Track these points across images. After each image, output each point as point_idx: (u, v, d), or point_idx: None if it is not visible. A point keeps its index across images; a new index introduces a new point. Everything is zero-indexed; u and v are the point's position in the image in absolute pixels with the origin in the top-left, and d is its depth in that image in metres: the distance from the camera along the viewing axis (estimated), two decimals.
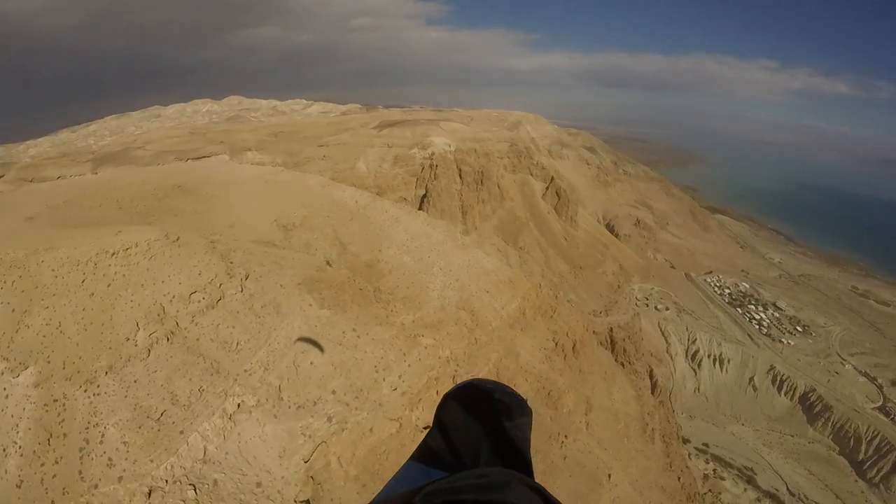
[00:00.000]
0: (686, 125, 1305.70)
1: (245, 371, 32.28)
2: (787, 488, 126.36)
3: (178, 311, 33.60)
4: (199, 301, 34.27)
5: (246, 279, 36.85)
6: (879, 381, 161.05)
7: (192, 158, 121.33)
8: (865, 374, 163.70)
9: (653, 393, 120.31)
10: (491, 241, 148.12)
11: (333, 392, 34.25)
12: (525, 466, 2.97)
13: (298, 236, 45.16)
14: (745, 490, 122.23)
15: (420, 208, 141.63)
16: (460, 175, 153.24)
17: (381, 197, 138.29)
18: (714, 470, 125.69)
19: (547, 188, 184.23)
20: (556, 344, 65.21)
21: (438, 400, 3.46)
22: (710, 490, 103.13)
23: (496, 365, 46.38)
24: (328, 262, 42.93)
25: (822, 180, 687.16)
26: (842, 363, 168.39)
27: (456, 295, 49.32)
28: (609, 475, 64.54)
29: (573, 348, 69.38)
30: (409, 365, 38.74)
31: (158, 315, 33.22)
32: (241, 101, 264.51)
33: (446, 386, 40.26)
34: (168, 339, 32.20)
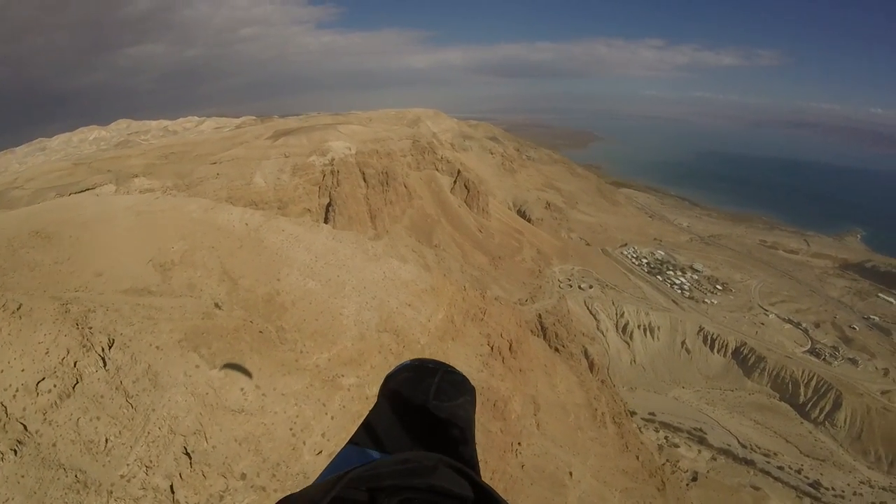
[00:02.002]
0: (583, 108, 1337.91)
1: (121, 477, 24.61)
2: (738, 441, 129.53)
3: (24, 410, 25.55)
4: (50, 391, 26.15)
5: (109, 348, 29.08)
6: (803, 325, 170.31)
7: (75, 192, 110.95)
8: (789, 321, 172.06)
9: (591, 372, 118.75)
10: (405, 243, 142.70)
11: (243, 476, 27.13)
12: (467, 447, 3.03)
13: (179, 276, 37.61)
14: (700, 451, 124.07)
15: (326, 218, 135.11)
16: (364, 178, 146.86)
17: (284, 210, 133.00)
18: (666, 438, 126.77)
19: (455, 182, 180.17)
20: (492, 348, 60.30)
21: None
22: (667, 460, 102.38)
23: None
24: (216, 305, 35.50)
25: (717, 146, 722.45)
26: (765, 314, 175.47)
27: (375, 316, 43.01)
28: (570, 473, 60.92)
29: (510, 348, 64.62)
30: (332, 417, 32.05)
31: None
32: (129, 125, 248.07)
33: None
34: (15, 452, 24.07)
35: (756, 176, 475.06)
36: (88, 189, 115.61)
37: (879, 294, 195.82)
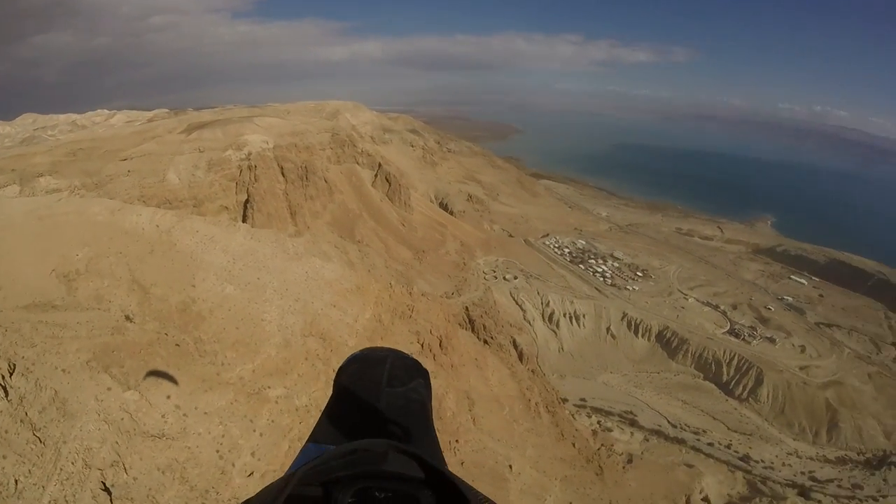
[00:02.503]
0: (502, 101, 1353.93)
1: None
2: (669, 421, 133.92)
3: None
4: None
5: (10, 375, 26.20)
6: (721, 307, 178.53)
7: None
8: (708, 304, 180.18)
9: (521, 362, 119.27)
10: (327, 240, 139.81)
11: None
12: (424, 429, 3.08)
13: (85, 287, 34.59)
14: (633, 434, 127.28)
15: (244, 215, 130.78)
16: (283, 173, 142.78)
17: (200, 208, 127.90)
18: (599, 422, 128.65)
19: (376, 175, 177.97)
20: (423, 345, 59.51)
21: None
22: (602, 444, 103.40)
23: None
24: (127, 317, 32.73)
25: (632, 139, 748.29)
26: (685, 298, 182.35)
27: (299, 320, 41.08)
28: (510, 466, 61.25)
29: (440, 344, 63.99)
30: (261, 434, 30.11)
31: None
32: (35, 119, 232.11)
33: None
34: None
35: (669, 166, 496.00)
36: None
37: (791, 276, 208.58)
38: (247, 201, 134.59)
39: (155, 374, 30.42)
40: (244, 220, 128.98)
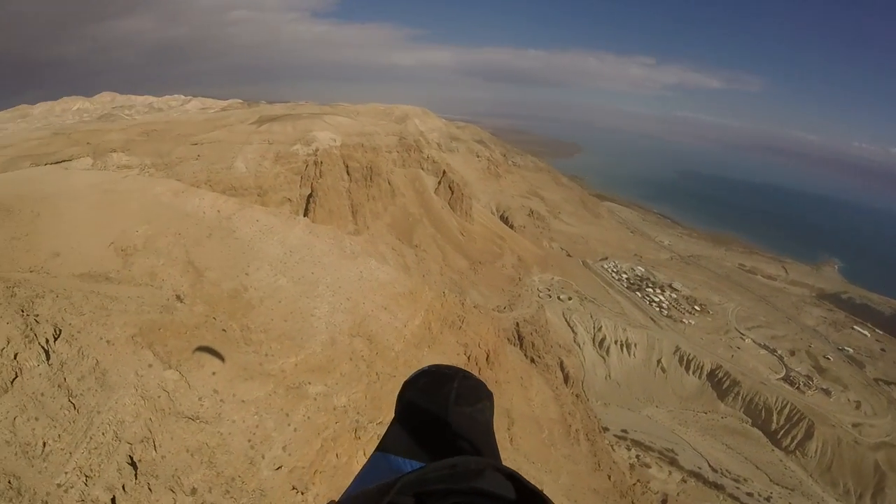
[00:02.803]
0: (567, 119, 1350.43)
1: (58, 486, 21.65)
2: (709, 464, 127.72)
3: None
4: None
5: (55, 340, 25.98)
6: (779, 352, 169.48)
7: (50, 163, 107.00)
8: (765, 347, 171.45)
9: (566, 385, 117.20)
10: (385, 241, 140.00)
11: (193, 491, 24.16)
12: (491, 450, 3.08)
13: (140, 263, 34.65)
14: (671, 473, 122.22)
15: (306, 209, 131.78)
16: (348, 171, 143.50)
17: (264, 198, 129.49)
18: (637, 456, 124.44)
19: (439, 182, 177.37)
20: (469, 357, 58.06)
21: (339, 470, 3.49)
22: (638, 480, 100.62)
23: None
24: (178, 297, 32.52)
25: (698, 167, 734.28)
26: (741, 338, 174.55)
27: (348, 319, 40.30)
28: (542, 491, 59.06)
29: (487, 359, 62.47)
30: (294, 429, 29.19)
31: None
32: (114, 98, 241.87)
33: (346, 447, 31.55)
34: None
35: (735, 199, 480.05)
36: (64, 161, 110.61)
37: (854, 326, 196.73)
38: (310, 196, 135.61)
39: (202, 350, 30.08)
40: (305, 214, 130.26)
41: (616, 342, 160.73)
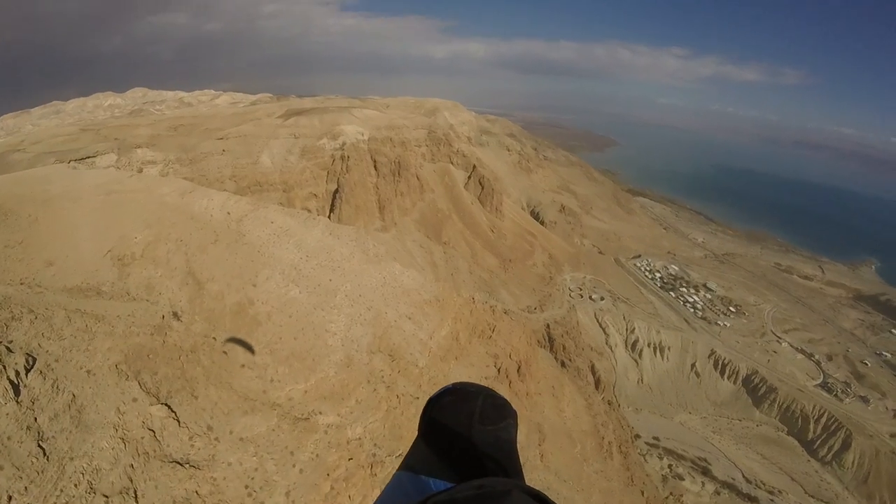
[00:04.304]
0: (600, 111, 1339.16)
1: None
2: (743, 475, 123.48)
3: None
4: None
5: (27, 372, 22.43)
6: (816, 356, 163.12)
7: (75, 159, 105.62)
8: (802, 351, 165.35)
9: (597, 389, 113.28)
10: (412, 238, 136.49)
11: None
12: (515, 469, 3.10)
13: (137, 274, 31.16)
14: (704, 485, 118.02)
15: (333, 205, 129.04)
16: (375, 166, 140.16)
17: (290, 194, 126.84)
18: (670, 466, 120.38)
19: (469, 177, 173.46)
20: (499, 370, 54.16)
21: None
22: (671, 493, 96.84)
23: None
24: (175, 314, 28.86)
25: (734, 162, 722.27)
26: (778, 341, 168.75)
27: (368, 332, 36.49)
28: None
29: (518, 370, 58.57)
30: (300, 470, 25.28)
31: None
32: (145, 94, 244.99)
33: (360, 486, 27.64)
34: None
35: (771, 195, 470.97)
36: (89, 157, 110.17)
37: (892, 329, 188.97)
38: (336, 191, 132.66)
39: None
40: (332, 210, 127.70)
41: (649, 345, 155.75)
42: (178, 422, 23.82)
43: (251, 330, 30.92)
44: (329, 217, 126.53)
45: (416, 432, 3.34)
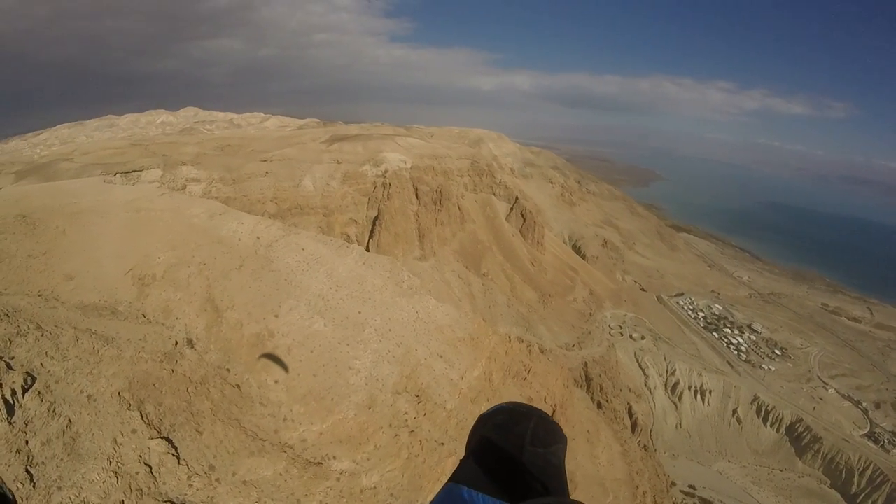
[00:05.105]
0: (644, 145, 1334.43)
1: None
2: None
3: None
4: None
5: (24, 392, 20.94)
6: (864, 404, 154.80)
7: (122, 172, 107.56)
8: (849, 398, 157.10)
9: (633, 433, 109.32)
10: (451, 268, 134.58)
11: None
12: (563, 494, 3.09)
13: (156, 296, 29.81)
14: None
15: (372, 231, 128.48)
16: (417, 194, 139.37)
17: (330, 218, 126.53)
18: None
19: (511, 209, 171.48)
20: None
21: None
22: None
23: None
24: (189, 341, 27.28)
25: (781, 197, 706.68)
26: (824, 387, 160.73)
27: (395, 371, 34.33)
28: None
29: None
30: None
31: None
32: (197, 113, 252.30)
33: None
34: None
35: (818, 232, 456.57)
36: (135, 171, 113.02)
37: None
38: (376, 218, 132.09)
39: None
40: (371, 237, 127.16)
41: (690, 388, 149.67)
42: (178, 458, 21.92)
43: (268, 364, 29.11)
44: (368, 243, 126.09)
45: (465, 451, 3.31)
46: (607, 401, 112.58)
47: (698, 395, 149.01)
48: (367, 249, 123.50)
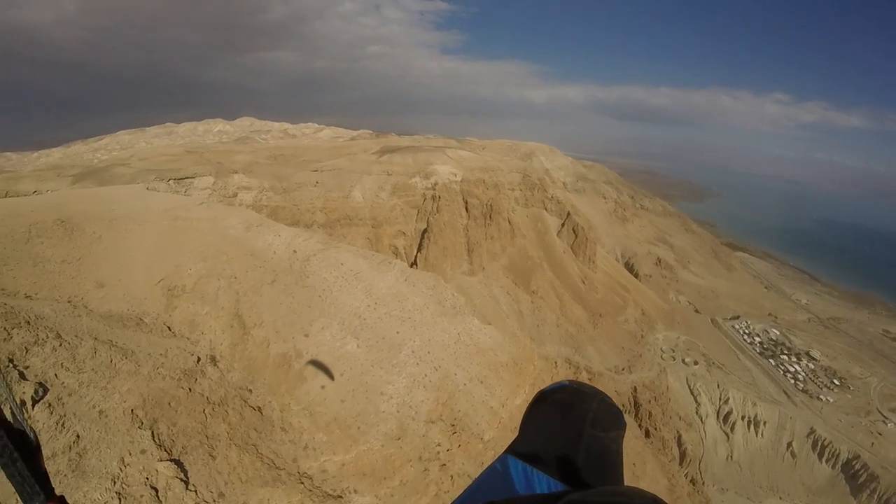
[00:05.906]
0: (699, 159, 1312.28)
1: None
2: None
3: None
4: None
5: (34, 403, 19.92)
6: None
7: (174, 179, 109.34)
8: None
9: (681, 464, 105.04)
10: (500, 284, 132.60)
11: None
12: (618, 482, 3.02)
13: (183, 309, 28.74)
14: None
15: (420, 244, 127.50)
16: (466, 208, 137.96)
17: (378, 230, 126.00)
18: None
19: (563, 224, 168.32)
20: None
21: None
22: None
23: None
24: (212, 359, 26.03)
25: (840, 215, 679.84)
26: (884, 421, 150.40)
27: (430, 397, 32.32)
28: None
29: None
30: None
31: None
32: (252, 123, 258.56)
33: None
34: None
35: (880, 253, 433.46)
36: (187, 178, 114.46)
37: None
38: (425, 230, 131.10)
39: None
40: (419, 250, 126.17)
41: (743, 418, 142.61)
42: (187, 484, 20.44)
43: (293, 386, 27.51)
44: (416, 256, 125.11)
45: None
46: (656, 429, 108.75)
47: (752, 426, 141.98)
48: (415, 262, 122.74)
